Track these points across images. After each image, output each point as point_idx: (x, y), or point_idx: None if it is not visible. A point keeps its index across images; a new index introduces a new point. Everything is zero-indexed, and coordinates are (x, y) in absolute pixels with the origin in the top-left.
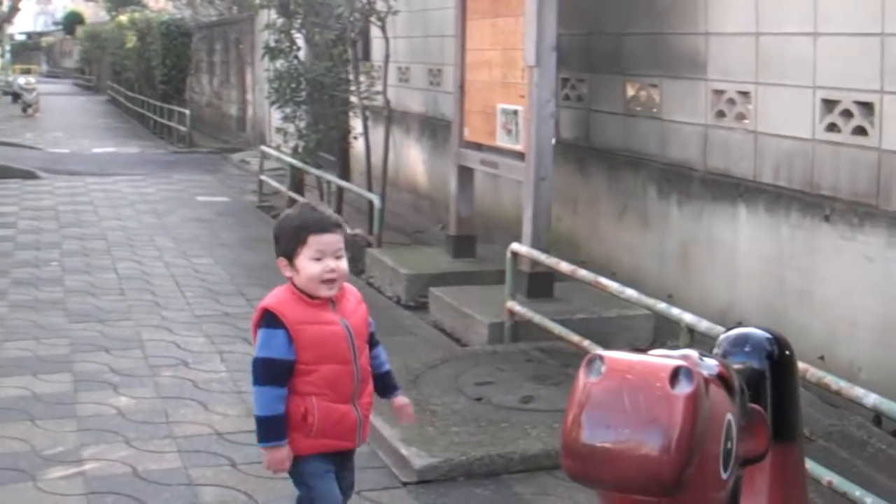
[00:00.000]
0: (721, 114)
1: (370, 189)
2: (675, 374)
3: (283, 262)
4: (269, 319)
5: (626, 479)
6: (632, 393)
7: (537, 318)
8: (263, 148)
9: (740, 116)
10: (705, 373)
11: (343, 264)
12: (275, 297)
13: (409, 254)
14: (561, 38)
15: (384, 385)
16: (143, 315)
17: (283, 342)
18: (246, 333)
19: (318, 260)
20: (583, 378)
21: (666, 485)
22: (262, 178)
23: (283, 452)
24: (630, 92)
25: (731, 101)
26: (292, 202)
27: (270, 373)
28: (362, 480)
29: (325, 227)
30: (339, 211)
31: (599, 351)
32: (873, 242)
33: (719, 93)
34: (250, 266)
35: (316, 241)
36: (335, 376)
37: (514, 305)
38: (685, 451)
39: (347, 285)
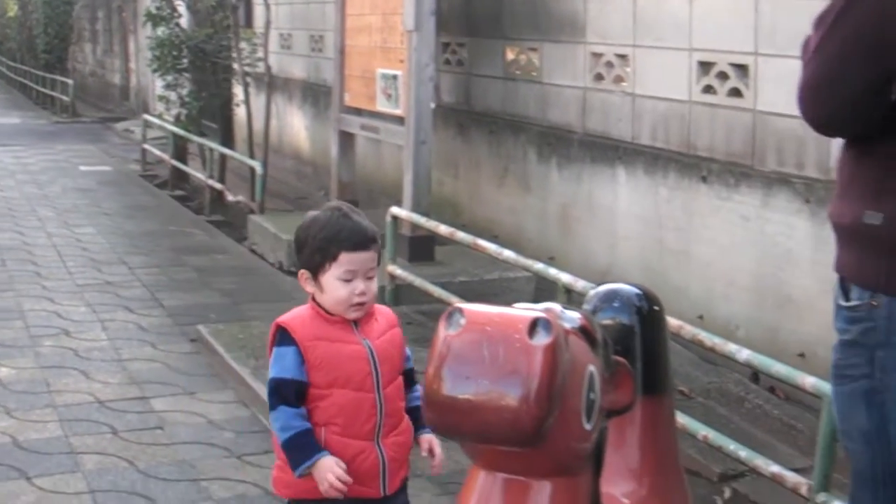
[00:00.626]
0: (599, 76)
1: (252, 156)
2: (534, 326)
3: (304, 275)
4: (281, 336)
5: (486, 430)
6: (491, 344)
7: (418, 282)
8: (146, 116)
9: (618, 79)
10: (567, 325)
11: (374, 286)
12: (291, 313)
13: (292, 219)
14: (441, 3)
15: (412, 420)
16: (24, 285)
17: (294, 361)
18: (127, 301)
19: (348, 281)
20: (443, 331)
21: (526, 435)
22: (146, 146)
23: (327, 462)
24: (510, 56)
25: (610, 64)
26: (175, 171)
27: (281, 394)
28: (244, 445)
29: (360, 243)
30: (221, 179)
31: (459, 304)
32: (749, 202)
33: (598, 56)
34: (132, 235)
35: (348, 260)
36: (351, 405)
37: (394, 269)
38: (544, 401)
39: (380, 307)
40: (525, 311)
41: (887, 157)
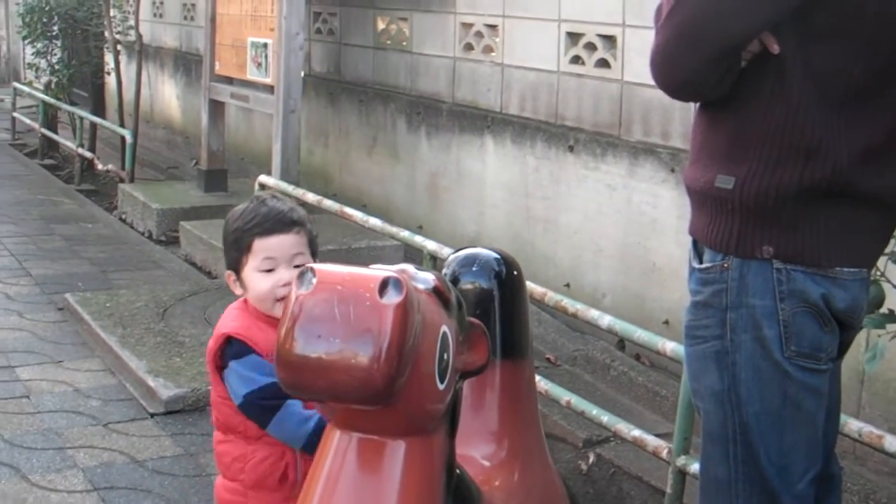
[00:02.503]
0: (469, 46)
1: (123, 125)
2: (384, 285)
3: (230, 276)
4: (237, 348)
5: (338, 389)
6: (342, 303)
7: None
8: (16, 84)
9: (488, 49)
10: (420, 286)
11: None
12: (232, 319)
13: (162, 189)
14: None
15: None
16: None
17: (263, 364)
18: None
19: (269, 271)
20: (295, 290)
21: (377, 393)
22: (15, 115)
23: None
24: (381, 25)
25: (479, 34)
26: (45, 139)
27: (271, 400)
28: (110, 413)
29: (273, 227)
30: (92, 148)
31: (311, 264)
32: (615, 172)
33: (468, 26)
34: (1, 204)
35: (263, 247)
36: None
37: None
38: (395, 360)
39: None
40: (377, 270)
41: (738, 121)
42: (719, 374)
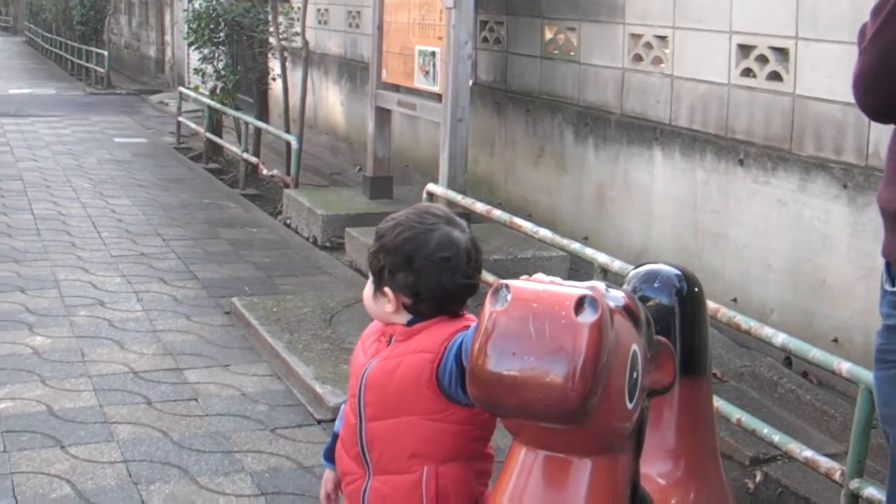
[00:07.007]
0: (638, 58)
1: (288, 131)
2: (580, 303)
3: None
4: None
5: (531, 407)
6: (537, 321)
7: None
8: (182, 89)
9: (657, 60)
10: (611, 304)
11: None
12: None
13: (327, 195)
14: None
15: None
16: (59, 255)
17: None
18: (162, 273)
19: None
20: (489, 307)
21: (570, 412)
22: (181, 119)
23: (325, 476)
24: (548, 35)
25: (649, 45)
26: (210, 144)
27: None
28: (277, 418)
29: None
30: (256, 153)
31: (506, 280)
32: (786, 186)
33: (637, 37)
34: (167, 207)
35: None
36: (347, 419)
37: None
38: (589, 379)
39: (444, 326)
40: (571, 288)
41: None
42: None
